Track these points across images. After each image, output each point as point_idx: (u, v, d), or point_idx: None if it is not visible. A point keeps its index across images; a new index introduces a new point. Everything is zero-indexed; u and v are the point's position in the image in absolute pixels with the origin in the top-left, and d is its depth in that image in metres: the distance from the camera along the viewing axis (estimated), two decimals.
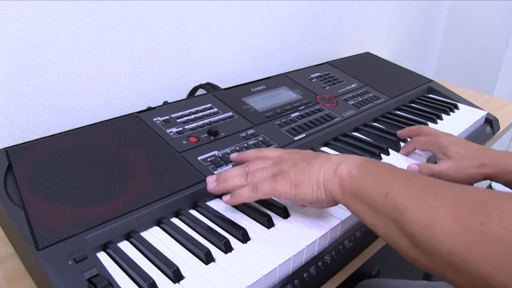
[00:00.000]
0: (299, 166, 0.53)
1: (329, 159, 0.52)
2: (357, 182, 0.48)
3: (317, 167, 0.52)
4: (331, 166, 0.51)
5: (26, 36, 0.69)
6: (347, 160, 0.51)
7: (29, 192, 0.54)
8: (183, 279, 0.47)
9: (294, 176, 0.52)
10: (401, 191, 0.44)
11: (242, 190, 0.54)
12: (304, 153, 0.57)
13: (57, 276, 0.44)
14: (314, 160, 0.53)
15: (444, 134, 0.75)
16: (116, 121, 0.69)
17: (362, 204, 0.48)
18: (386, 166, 0.50)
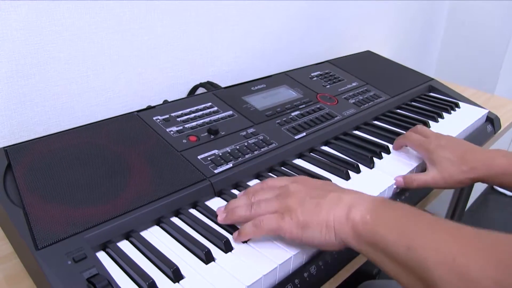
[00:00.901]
0: (306, 206, 0.49)
1: (340, 200, 0.48)
2: (373, 230, 0.44)
3: (327, 209, 0.48)
4: (342, 209, 0.47)
5: (25, 35, 0.69)
6: (360, 204, 0.47)
7: (28, 192, 0.53)
8: (183, 279, 0.47)
9: (301, 217, 0.48)
10: (426, 245, 0.40)
11: (246, 227, 0.51)
12: (312, 185, 0.53)
13: (56, 276, 0.44)
14: (323, 199, 0.49)
15: (434, 137, 0.72)
16: (116, 120, 0.69)
17: (381, 254, 0.44)
18: (402, 210, 0.46)
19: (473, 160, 0.66)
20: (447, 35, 1.91)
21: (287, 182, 0.54)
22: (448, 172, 0.66)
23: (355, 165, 0.70)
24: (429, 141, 0.70)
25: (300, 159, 0.74)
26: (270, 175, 0.67)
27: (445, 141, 0.70)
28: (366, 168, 0.72)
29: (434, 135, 0.73)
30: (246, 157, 0.67)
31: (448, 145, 0.69)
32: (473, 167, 0.65)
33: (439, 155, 0.67)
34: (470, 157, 0.66)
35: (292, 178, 0.56)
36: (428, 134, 0.73)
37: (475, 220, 2.17)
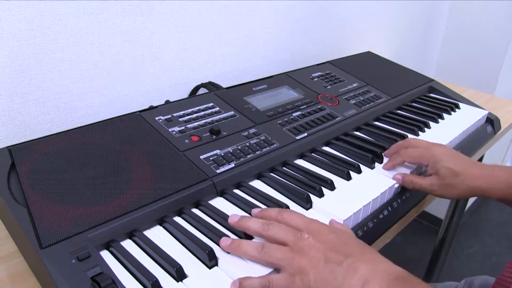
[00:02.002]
0: (320, 271, 0.45)
1: (356, 271, 0.45)
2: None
3: (341, 279, 0.45)
4: (357, 283, 0.44)
5: (28, 35, 0.69)
6: (376, 278, 0.44)
7: (32, 191, 0.54)
8: (186, 278, 0.47)
9: (313, 283, 0.45)
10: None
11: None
12: (329, 243, 0.48)
13: (61, 274, 0.44)
14: (339, 266, 0.46)
15: (435, 145, 0.71)
16: (118, 120, 0.69)
17: None
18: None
19: (475, 174, 0.66)
20: (447, 36, 1.91)
21: (303, 225, 0.50)
22: (449, 182, 0.66)
23: (356, 166, 0.70)
24: (432, 149, 0.69)
25: (301, 159, 0.74)
26: (272, 175, 0.67)
27: (448, 151, 0.70)
28: (367, 168, 0.72)
29: (432, 143, 0.72)
30: (248, 157, 0.68)
31: (452, 154, 0.69)
32: (475, 181, 0.65)
33: (444, 165, 0.66)
34: (472, 170, 0.66)
35: (307, 223, 0.51)
36: (425, 144, 0.71)
37: (475, 221, 2.17)
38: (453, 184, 0.66)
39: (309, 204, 0.61)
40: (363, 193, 0.64)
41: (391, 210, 0.67)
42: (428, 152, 0.69)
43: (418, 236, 2.04)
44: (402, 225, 0.71)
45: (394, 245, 1.94)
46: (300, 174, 0.68)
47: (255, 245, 0.49)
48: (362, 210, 0.61)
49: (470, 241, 2.02)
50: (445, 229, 1.46)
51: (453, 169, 0.66)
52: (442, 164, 0.67)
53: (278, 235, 0.49)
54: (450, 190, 0.66)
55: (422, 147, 0.71)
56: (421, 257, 1.87)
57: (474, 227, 2.14)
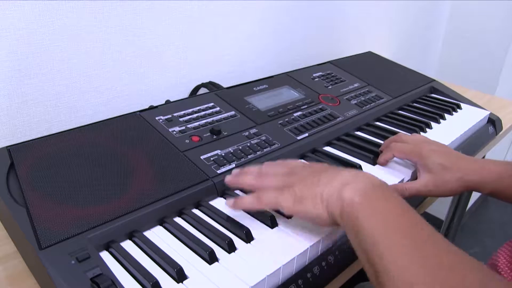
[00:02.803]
0: (306, 182, 0.50)
1: (337, 175, 0.49)
2: (355, 214, 0.45)
3: (323, 184, 0.49)
4: (337, 186, 0.47)
5: (28, 35, 0.69)
6: (354, 182, 0.47)
7: (32, 191, 0.53)
8: (186, 279, 0.47)
9: (299, 192, 0.50)
10: (388, 249, 0.40)
11: (245, 198, 0.53)
12: (318, 167, 0.54)
13: (60, 275, 0.44)
14: (322, 175, 0.50)
15: (425, 142, 0.70)
16: (118, 120, 0.69)
17: (355, 238, 0.45)
18: (392, 204, 0.45)
19: (466, 167, 0.65)
20: (448, 36, 1.91)
21: (299, 164, 0.56)
22: (442, 178, 0.65)
23: (357, 166, 0.70)
24: (420, 146, 0.68)
25: (302, 160, 0.74)
26: None
27: (436, 146, 0.69)
28: (368, 168, 0.72)
29: (423, 139, 0.71)
30: (249, 157, 0.67)
31: (441, 150, 0.68)
32: (467, 174, 0.64)
33: (433, 161, 0.65)
34: (463, 164, 0.65)
35: (305, 162, 0.58)
36: (415, 140, 0.71)
37: (475, 221, 2.17)
38: (445, 179, 0.65)
39: None
40: None
41: None
42: (417, 148, 0.68)
43: None
44: None
45: None
46: None
47: (254, 175, 0.55)
48: None
49: (471, 242, 2.02)
50: (446, 230, 1.46)
51: (443, 164, 0.65)
52: (431, 160, 0.66)
53: (272, 180, 0.54)
54: (445, 187, 0.65)
55: (412, 143, 0.70)
56: None
57: (475, 228, 2.14)
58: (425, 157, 0.67)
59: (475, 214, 2.23)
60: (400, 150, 0.70)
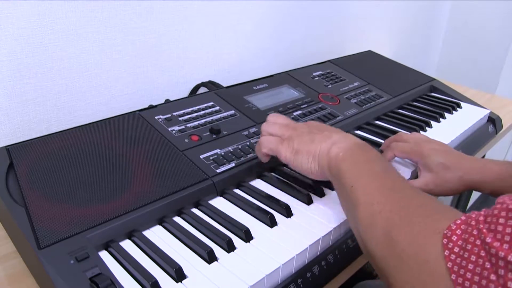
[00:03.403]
0: (303, 138, 0.58)
1: (329, 137, 0.56)
2: (338, 166, 0.52)
3: (317, 142, 0.56)
4: (327, 144, 0.55)
5: (27, 34, 0.69)
6: (342, 142, 0.54)
7: (31, 191, 0.53)
8: (185, 279, 0.47)
9: (296, 145, 0.57)
10: (362, 187, 0.48)
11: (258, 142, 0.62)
12: (315, 126, 0.61)
13: (59, 275, 0.44)
14: (317, 134, 0.58)
15: (426, 141, 0.70)
16: (117, 119, 0.69)
17: (338, 187, 0.53)
18: (368, 156, 0.53)
19: (468, 166, 0.65)
20: (449, 35, 1.91)
21: (300, 122, 0.64)
22: (443, 178, 0.65)
23: None
24: (420, 145, 0.68)
25: None
26: (273, 174, 0.67)
27: (437, 145, 0.69)
28: None
29: (424, 139, 0.71)
30: (248, 156, 0.67)
31: (442, 149, 0.68)
32: (467, 173, 0.64)
33: (434, 160, 0.66)
34: (464, 163, 0.65)
35: (305, 122, 0.64)
36: (416, 139, 0.71)
37: None
38: (446, 179, 0.65)
39: (310, 204, 0.60)
40: None
41: None
42: (418, 147, 0.68)
43: None
44: None
45: None
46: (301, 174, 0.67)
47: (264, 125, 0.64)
48: None
49: None
50: None
51: (444, 163, 0.65)
52: (432, 159, 0.66)
53: (274, 128, 0.62)
54: (446, 186, 0.65)
55: (412, 142, 0.70)
56: None
57: None
58: (426, 156, 0.66)
59: None
60: (401, 149, 0.70)
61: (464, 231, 0.36)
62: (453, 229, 0.37)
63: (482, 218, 0.35)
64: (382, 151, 0.74)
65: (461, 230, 0.36)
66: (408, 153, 0.69)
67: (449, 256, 0.35)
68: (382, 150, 0.74)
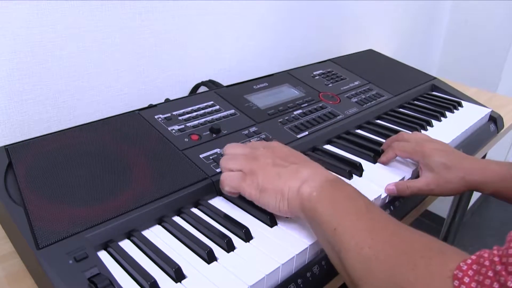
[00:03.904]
0: (268, 172, 0.53)
1: (297, 173, 0.52)
2: (314, 208, 0.49)
3: (285, 179, 0.52)
4: (296, 183, 0.51)
5: (26, 33, 0.68)
6: (312, 180, 0.51)
7: (30, 190, 0.53)
8: (185, 279, 0.46)
9: (261, 182, 0.53)
10: (346, 230, 0.45)
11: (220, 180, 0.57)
12: (279, 154, 0.57)
13: (57, 275, 0.44)
14: (283, 169, 0.53)
15: (427, 141, 0.69)
16: (117, 119, 0.69)
17: (317, 229, 0.49)
18: (346, 193, 0.50)
19: (469, 167, 0.64)
20: (450, 34, 1.90)
21: (260, 145, 0.59)
22: (444, 178, 0.64)
23: (358, 164, 0.69)
24: (422, 145, 0.68)
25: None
26: None
27: (439, 145, 0.68)
28: (369, 166, 0.71)
29: (425, 138, 0.71)
30: None
31: (443, 149, 0.67)
32: (469, 174, 0.64)
33: (436, 160, 0.65)
34: (465, 163, 0.65)
35: (265, 143, 0.60)
36: (417, 139, 0.70)
37: (477, 220, 2.16)
38: (448, 179, 0.64)
39: None
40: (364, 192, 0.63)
41: (392, 209, 0.66)
42: (419, 147, 0.68)
43: None
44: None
45: None
46: None
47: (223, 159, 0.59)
48: None
49: (472, 240, 2.01)
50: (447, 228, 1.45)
51: (446, 163, 0.64)
52: (434, 159, 0.65)
53: (233, 162, 0.57)
54: (447, 186, 0.64)
55: (414, 142, 0.69)
56: None
57: (476, 226, 2.13)
58: (427, 156, 0.66)
59: (477, 212, 2.22)
60: (402, 149, 0.70)
61: (477, 272, 0.33)
62: (464, 269, 0.34)
63: (498, 259, 0.33)
64: (383, 150, 0.73)
65: (473, 271, 0.34)
66: (409, 152, 0.69)
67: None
68: (383, 149, 0.74)
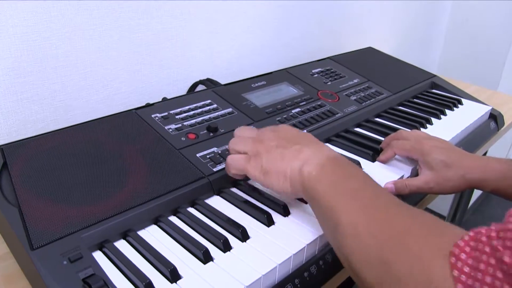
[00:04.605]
0: (272, 155, 0.54)
1: (299, 153, 0.52)
2: (314, 186, 0.49)
3: (287, 160, 0.52)
4: (298, 163, 0.51)
5: (22, 32, 0.68)
6: (313, 159, 0.51)
7: (24, 191, 0.53)
8: (180, 279, 0.46)
9: (265, 164, 0.53)
10: (343, 208, 0.45)
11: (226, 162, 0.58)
12: (284, 135, 0.56)
13: (52, 276, 0.43)
14: (286, 150, 0.53)
15: (426, 138, 0.69)
16: (113, 118, 0.68)
17: (316, 208, 0.50)
18: (345, 171, 0.50)
19: (470, 164, 0.64)
20: (450, 31, 1.89)
21: (268, 128, 0.59)
22: (444, 176, 0.63)
23: (357, 163, 0.69)
24: (421, 143, 0.67)
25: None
26: None
27: (438, 143, 0.68)
28: (368, 165, 0.71)
29: (424, 136, 0.70)
30: None
31: (443, 147, 0.66)
32: (469, 172, 0.63)
33: (435, 158, 0.64)
34: (465, 161, 0.64)
35: (274, 126, 0.60)
36: (416, 137, 0.70)
37: (478, 218, 2.16)
38: (448, 177, 0.63)
39: None
40: None
41: None
42: (418, 145, 0.67)
43: None
44: None
45: None
46: None
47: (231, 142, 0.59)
48: None
49: None
50: None
51: (445, 161, 0.64)
52: (433, 156, 0.64)
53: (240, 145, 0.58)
54: (447, 184, 0.64)
55: (413, 140, 0.69)
56: None
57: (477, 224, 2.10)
58: (426, 154, 0.65)
59: (478, 210, 2.22)
60: (401, 147, 0.69)
61: (474, 248, 0.33)
62: (461, 246, 0.34)
63: (494, 234, 0.32)
64: (382, 149, 0.73)
65: (471, 247, 0.33)
66: (408, 150, 0.68)
67: (459, 277, 0.32)
68: (382, 148, 0.73)
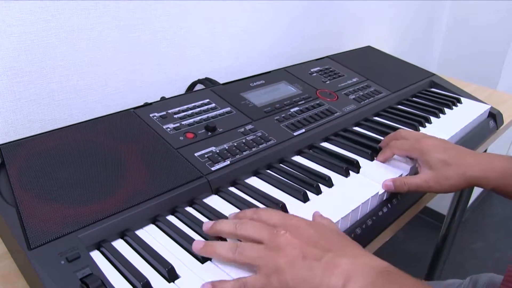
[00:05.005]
0: (298, 270, 0.43)
1: (336, 267, 0.42)
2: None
3: (320, 276, 0.42)
4: (338, 280, 0.41)
5: (20, 32, 0.68)
6: (358, 275, 0.41)
7: (22, 190, 0.53)
8: (178, 279, 0.46)
9: (291, 282, 0.42)
10: None
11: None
12: (308, 238, 0.45)
13: (49, 276, 0.43)
14: (317, 262, 0.43)
15: (425, 137, 0.68)
16: (112, 117, 0.68)
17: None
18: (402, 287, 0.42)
19: (468, 163, 0.63)
20: (449, 30, 1.89)
21: (279, 222, 0.47)
22: (443, 175, 0.63)
23: (355, 162, 0.69)
24: (420, 141, 0.66)
25: (298, 156, 0.72)
26: (269, 172, 0.66)
27: (437, 141, 0.67)
28: (366, 164, 0.70)
29: (422, 135, 0.70)
30: (244, 154, 0.66)
31: (442, 145, 0.66)
32: (469, 170, 0.62)
33: (434, 156, 0.64)
34: (465, 159, 0.63)
35: (284, 219, 0.48)
36: (415, 135, 0.69)
37: (478, 216, 2.16)
38: (447, 175, 0.63)
39: (307, 201, 0.60)
40: (362, 190, 0.62)
41: (391, 207, 0.65)
42: (417, 144, 0.66)
43: (420, 232, 2.02)
44: (402, 222, 0.69)
45: (395, 241, 1.93)
46: (297, 171, 0.67)
47: (229, 245, 0.46)
48: (361, 208, 0.60)
49: (473, 237, 2.01)
50: (448, 225, 1.44)
51: (445, 159, 0.63)
52: (432, 155, 0.64)
53: (251, 233, 0.46)
54: (446, 182, 0.63)
55: (412, 139, 0.68)
56: (424, 254, 1.86)
57: (477, 222, 2.12)
58: (425, 153, 0.65)
59: (478, 208, 2.22)
60: (400, 147, 0.69)
61: None
62: None
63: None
64: (381, 148, 0.73)
65: None
66: (407, 150, 0.68)
67: None
68: (380, 147, 0.73)
